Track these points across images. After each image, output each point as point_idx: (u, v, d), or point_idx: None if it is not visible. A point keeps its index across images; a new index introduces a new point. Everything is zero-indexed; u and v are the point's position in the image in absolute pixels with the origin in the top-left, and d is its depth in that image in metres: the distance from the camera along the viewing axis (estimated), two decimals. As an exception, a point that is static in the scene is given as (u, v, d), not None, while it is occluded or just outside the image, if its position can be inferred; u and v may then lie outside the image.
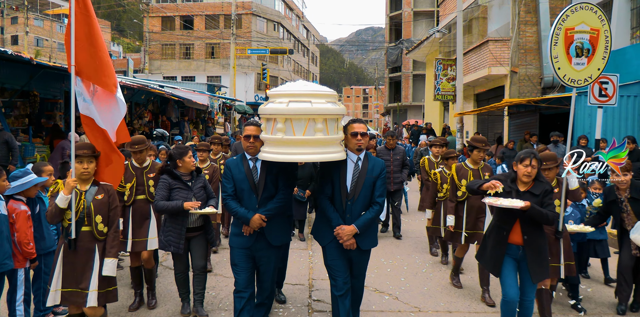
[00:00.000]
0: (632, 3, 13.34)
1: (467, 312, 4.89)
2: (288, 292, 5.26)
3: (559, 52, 6.09)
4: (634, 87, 12.32)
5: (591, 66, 6.25)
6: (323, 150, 3.78)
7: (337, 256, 3.96)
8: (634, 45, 12.81)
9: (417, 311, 4.90)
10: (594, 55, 6.22)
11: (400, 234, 8.07)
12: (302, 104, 3.71)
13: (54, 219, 3.65)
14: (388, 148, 8.16)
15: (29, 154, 10.64)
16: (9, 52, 7.75)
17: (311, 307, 4.94)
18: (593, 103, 9.12)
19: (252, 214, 3.97)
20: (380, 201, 4.01)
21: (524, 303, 4.00)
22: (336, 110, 3.82)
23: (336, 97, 4.00)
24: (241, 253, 4.07)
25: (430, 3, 39.08)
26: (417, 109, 39.36)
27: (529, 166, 3.87)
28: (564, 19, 6.00)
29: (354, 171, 3.96)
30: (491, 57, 16.61)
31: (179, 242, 4.51)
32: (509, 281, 3.95)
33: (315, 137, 3.71)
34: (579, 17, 6.07)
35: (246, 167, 4.08)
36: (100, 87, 3.91)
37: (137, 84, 15.24)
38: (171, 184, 4.51)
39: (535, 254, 3.88)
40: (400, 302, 5.11)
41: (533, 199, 3.82)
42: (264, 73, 34.04)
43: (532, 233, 3.88)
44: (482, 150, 5.37)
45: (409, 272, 6.17)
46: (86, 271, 3.67)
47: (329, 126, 3.78)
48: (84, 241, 3.68)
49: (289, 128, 3.72)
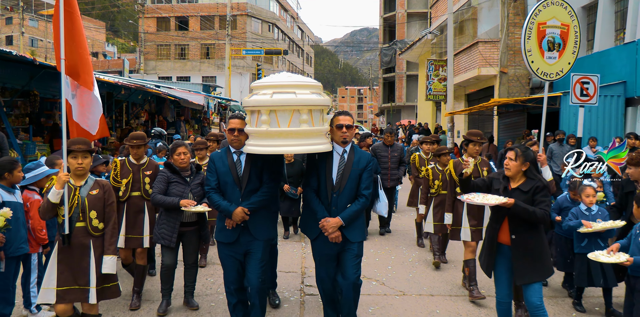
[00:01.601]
0: (616, 6, 13.74)
1: (448, 295, 5.26)
2: (281, 279, 5.58)
3: (532, 46, 6.33)
4: (618, 87, 12.72)
5: (562, 60, 6.51)
6: (308, 142, 3.75)
7: (325, 249, 3.95)
8: (617, 46, 13.21)
9: (402, 295, 5.26)
10: (564, 49, 6.47)
11: (389, 230, 8.22)
12: (286, 95, 3.67)
13: (46, 214, 3.61)
14: (386, 145, 8.14)
15: (30, 152, 10.93)
16: (14, 52, 8.05)
17: (303, 292, 5.30)
18: (575, 102, 9.47)
19: (234, 207, 3.91)
20: (366, 194, 3.96)
21: (529, 309, 3.78)
22: (321, 101, 3.79)
23: (320, 88, 3.98)
24: (225, 253, 4.04)
25: (423, 4, 39.50)
26: (410, 109, 39.75)
27: (507, 158, 3.84)
28: (536, 13, 6.23)
29: (340, 163, 3.95)
30: (481, 58, 17.01)
31: (172, 236, 4.53)
32: (499, 282, 3.92)
33: (301, 128, 3.68)
34: (550, 12, 6.27)
35: (230, 161, 4.04)
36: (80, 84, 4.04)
37: (135, 84, 15.51)
38: (169, 178, 4.57)
39: (521, 254, 3.73)
40: (387, 287, 5.47)
41: (522, 196, 3.71)
42: (259, 73, 34.36)
43: (521, 233, 3.74)
44: (477, 144, 5.28)
45: (396, 262, 6.53)
46: (82, 267, 3.62)
47: (314, 117, 3.75)
48: (79, 237, 3.64)
49: (274, 120, 3.68)
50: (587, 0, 14.64)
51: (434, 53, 24.56)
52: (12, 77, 11.04)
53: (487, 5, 18.00)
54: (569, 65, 6.52)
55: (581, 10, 15.04)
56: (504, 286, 3.91)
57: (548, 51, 6.41)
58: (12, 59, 9.21)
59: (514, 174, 3.82)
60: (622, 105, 12.79)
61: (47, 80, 11.97)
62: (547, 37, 6.33)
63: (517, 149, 3.81)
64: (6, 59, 9.58)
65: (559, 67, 6.44)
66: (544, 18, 6.21)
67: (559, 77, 6.51)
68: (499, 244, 3.87)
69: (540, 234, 3.80)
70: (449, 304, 5.00)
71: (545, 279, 3.85)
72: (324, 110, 3.89)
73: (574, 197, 5.12)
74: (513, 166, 3.80)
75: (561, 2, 6.19)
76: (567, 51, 6.43)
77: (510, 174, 3.83)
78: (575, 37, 6.41)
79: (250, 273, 3.97)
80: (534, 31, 6.21)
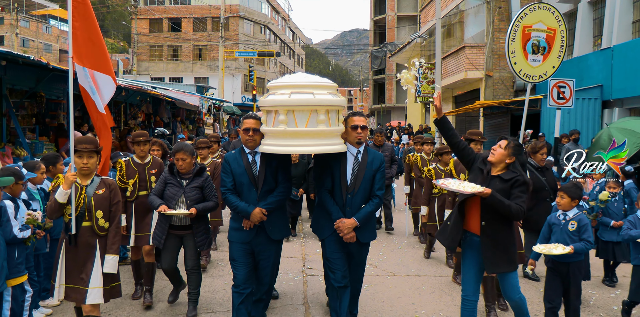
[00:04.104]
0: (594, 13, 14.52)
1: (433, 275, 5.94)
2: (285, 263, 6.16)
3: (515, 48, 6.43)
4: (595, 90, 13.50)
5: (546, 63, 6.61)
6: (325, 142, 3.75)
7: (336, 249, 3.96)
8: (595, 52, 13.99)
9: (392, 275, 5.94)
10: (549, 53, 6.56)
11: (392, 227, 8.36)
12: (305, 95, 3.67)
13: (53, 213, 3.63)
14: (377, 145, 8.25)
15: (39, 151, 11.46)
16: (32, 57, 8.60)
17: (305, 273, 5.95)
18: (552, 105, 10.13)
19: (252, 208, 3.92)
20: (380, 194, 4.01)
21: (509, 304, 3.87)
22: (338, 101, 3.79)
23: (336, 89, 4.00)
24: (240, 248, 4.03)
25: (413, 7, 40.17)
26: (400, 111, 40.49)
27: (497, 144, 3.75)
28: (522, 16, 6.30)
29: (354, 164, 3.96)
30: (467, 61, 17.77)
31: (162, 237, 4.52)
32: (466, 276, 3.79)
33: (318, 128, 3.68)
34: (536, 16, 6.36)
35: (245, 161, 4.02)
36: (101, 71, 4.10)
37: (136, 86, 16.05)
38: (167, 179, 4.54)
39: (490, 244, 3.63)
40: (379, 269, 6.14)
41: (500, 184, 3.61)
42: (251, 75, 34.90)
43: (491, 220, 3.62)
44: (478, 143, 5.40)
45: (387, 249, 7.20)
46: (87, 267, 3.63)
47: (331, 118, 3.77)
48: (85, 237, 3.64)
49: (291, 120, 3.68)
50: (567, 7, 15.41)
51: (424, 56, 25.27)
52: (21, 79, 11.54)
53: (473, 11, 18.76)
54: (553, 69, 6.62)
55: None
56: (471, 281, 3.77)
57: (532, 54, 6.53)
58: (27, 63, 9.71)
59: (496, 161, 3.71)
60: (599, 108, 13.58)
61: (52, 82, 12.48)
62: (532, 40, 6.42)
63: (512, 141, 3.72)
64: (16, 62, 10.10)
65: (542, 70, 6.59)
66: (530, 21, 6.32)
67: (542, 80, 6.74)
68: (468, 233, 3.77)
69: (510, 224, 3.74)
70: (433, 282, 5.69)
71: (515, 269, 3.74)
72: (339, 111, 3.91)
73: None
74: (499, 153, 3.70)
75: (548, 7, 6.32)
76: (552, 55, 6.48)
77: (493, 160, 3.72)
78: (562, 42, 6.49)
79: (263, 272, 4.07)
80: (519, 34, 6.30)
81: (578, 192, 4.22)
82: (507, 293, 3.79)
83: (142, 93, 16.94)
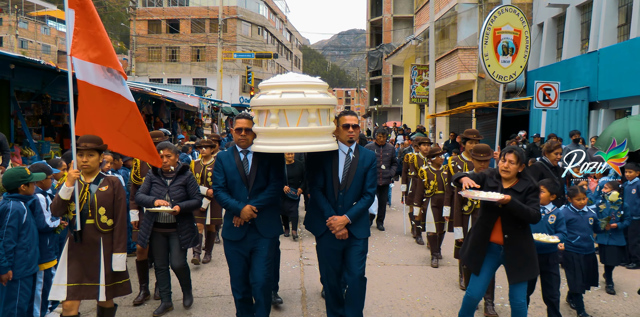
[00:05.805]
0: (582, 17, 15.00)
1: (420, 265, 6.43)
2: (283, 255, 6.44)
3: (489, 51, 6.67)
4: (582, 92, 13.99)
5: (515, 64, 6.89)
6: (316, 141, 3.81)
7: (331, 246, 4.03)
8: (582, 55, 14.48)
9: (383, 265, 6.42)
10: (517, 53, 6.86)
11: (382, 227, 8.64)
12: (295, 94, 3.72)
13: (57, 210, 3.67)
14: (378, 144, 8.34)
15: (45, 151, 11.89)
16: (42, 62, 9.03)
17: (302, 263, 6.43)
18: (538, 107, 10.57)
19: (242, 205, 3.96)
20: (371, 191, 4.07)
21: (513, 306, 3.89)
22: (328, 100, 3.84)
23: (327, 88, 4.04)
24: (232, 250, 4.10)
25: (409, 9, 40.55)
26: (396, 111, 40.92)
27: (505, 161, 3.81)
28: (492, 19, 6.60)
29: (346, 162, 4.03)
30: (460, 64, 18.26)
31: (146, 236, 4.59)
32: (479, 278, 3.88)
33: (309, 127, 3.73)
34: (504, 18, 6.65)
35: (237, 160, 4.08)
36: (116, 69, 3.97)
37: (136, 87, 16.46)
38: (152, 178, 4.64)
39: (514, 254, 3.77)
40: (370, 260, 6.53)
41: (516, 197, 3.70)
42: (249, 76, 35.32)
43: (513, 232, 3.78)
44: (474, 141, 5.46)
45: (378, 242, 7.68)
46: (93, 264, 3.66)
47: (322, 117, 3.82)
48: (89, 234, 3.67)
49: (283, 119, 3.73)
50: (556, 12, 15.89)
51: (419, 57, 25.81)
52: (28, 82, 11.97)
53: (466, 15, 19.25)
54: (521, 69, 7.00)
55: (551, 21, 16.30)
56: (481, 283, 3.87)
57: (503, 55, 6.81)
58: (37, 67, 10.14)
59: (512, 176, 3.84)
60: (585, 109, 14.05)
61: (56, 84, 12.91)
62: (502, 42, 6.71)
63: (516, 151, 3.81)
64: (23, 65, 10.52)
65: (512, 70, 6.92)
66: (499, 24, 6.61)
67: (512, 80, 7.14)
68: (490, 243, 3.88)
69: (529, 235, 3.90)
70: (419, 271, 6.18)
71: (534, 277, 3.93)
72: (330, 110, 3.95)
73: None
74: (513, 169, 3.81)
75: (514, 9, 6.66)
76: (519, 55, 6.78)
77: (509, 177, 3.84)
78: (527, 42, 6.81)
79: (256, 270, 4.03)
80: (490, 36, 6.60)
81: (556, 188, 4.62)
82: (515, 296, 3.86)
83: (143, 94, 17.36)
